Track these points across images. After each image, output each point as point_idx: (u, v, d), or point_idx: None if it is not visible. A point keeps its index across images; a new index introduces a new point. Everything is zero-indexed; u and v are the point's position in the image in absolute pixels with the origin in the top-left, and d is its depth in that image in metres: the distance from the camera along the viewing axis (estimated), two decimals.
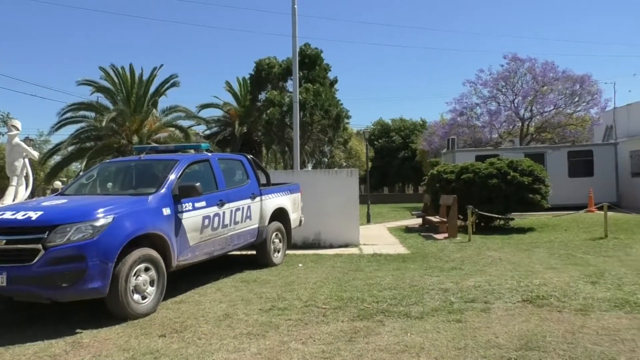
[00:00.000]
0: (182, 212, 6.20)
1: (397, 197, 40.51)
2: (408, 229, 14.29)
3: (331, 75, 32.06)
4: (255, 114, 32.12)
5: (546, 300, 5.54)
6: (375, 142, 47.03)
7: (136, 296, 5.38)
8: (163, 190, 6.11)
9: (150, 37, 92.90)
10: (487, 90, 25.84)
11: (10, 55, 78.53)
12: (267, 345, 4.35)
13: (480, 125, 26.71)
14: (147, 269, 5.54)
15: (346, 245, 10.56)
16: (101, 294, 5.11)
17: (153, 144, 22.29)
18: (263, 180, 8.82)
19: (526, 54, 31.29)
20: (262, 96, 31.97)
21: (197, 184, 6.24)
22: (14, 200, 10.42)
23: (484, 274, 7.12)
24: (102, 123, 25.13)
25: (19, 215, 5.21)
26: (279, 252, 8.55)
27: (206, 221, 6.63)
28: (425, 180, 15.58)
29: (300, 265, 8.37)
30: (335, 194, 10.71)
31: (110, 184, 7.25)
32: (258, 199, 8.01)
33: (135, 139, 26.03)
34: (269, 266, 8.14)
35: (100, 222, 5.16)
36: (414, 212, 16.80)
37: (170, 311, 5.56)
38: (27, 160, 10.98)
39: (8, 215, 5.27)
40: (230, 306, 5.67)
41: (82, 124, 27.73)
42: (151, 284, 5.59)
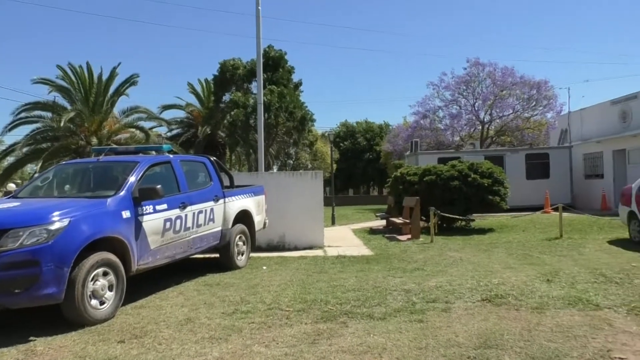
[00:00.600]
0: (143, 214, 6.07)
1: (362, 199, 40.78)
2: (372, 231, 14.42)
3: (295, 78, 32.06)
4: (219, 115, 31.78)
5: (504, 299, 5.69)
6: (340, 144, 47.27)
7: (94, 301, 5.23)
8: (122, 193, 5.97)
9: (111, 36, 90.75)
10: (449, 94, 26.41)
11: None
12: (229, 349, 4.30)
13: (442, 128, 27.25)
14: (105, 274, 5.40)
15: (311, 247, 10.57)
16: (56, 300, 4.94)
17: (113, 145, 21.72)
18: (226, 182, 8.73)
19: (487, 59, 32.20)
20: (226, 97, 31.67)
21: (158, 186, 6.12)
22: None
23: (445, 275, 7.25)
24: (60, 123, 24.30)
25: None
26: (242, 254, 8.48)
27: (168, 224, 6.51)
28: (389, 183, 15.77)
29: (264, 267, 8.32)
30: (299, 196, 10.71)
31: (67, 186, 7.03)
32: (221, 201, 7.93)
33: (95, 140, 25.31)
34: (232, 269, 8.06)
35: (55, 226, 4.99)
36: (378, 214, 16.96)
37: (130, 316, 5.43)
38: None
39: None
40: (192, 310, 5.58)
41: (38, 125, 26.75)
42: (110, 288, 5.44)
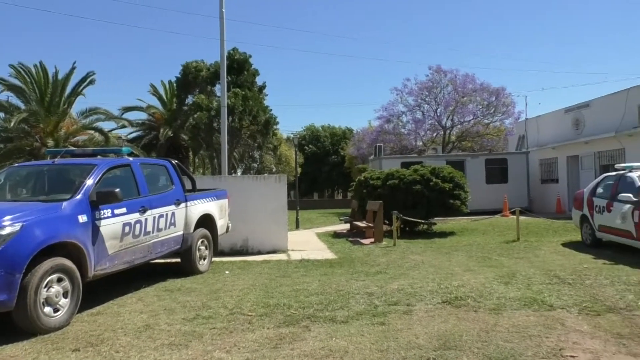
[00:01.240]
0: (100, 219, 5.91)
1: (326, 203, 40.90)
2: (336, 234, 14.48)
3: (260, 81, 31.95)
4: (182, 118, 31.29)
5: (464, 301, 5.81)
6: (305, 148, 47.34)
7: (47, 309, 5.04)
8: (79, 196, 5.79)
9: (70, 36, 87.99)
10: (413, 99, 26.88)
11: None
12: (189, 355, 4.23)
13: (406, 132, 27.70)
14: (60, 280, 5.22)
15: (274, 252, 10.52)
16: (7, 308, 4.73)
17: (70, 147, 21.05)
18: (189, 186, 8.60)
19: (449, 66, 32.95)
20: (190, 100, 31.26)
21: (117, 189, 5.97)
22: None
23: (407, 278, 7.35)
24: (11, 124, 23.40)
25: None
26: (204, 259, 8.36)
27: (127, 228, 6.35)
28: (353, 186, 15.88)
29: (227, 272, 8.23)
30: (263, 200, 10.66)
31: (20, 189, 6.78)
32: (183, 205, 7.80)
33: (51, 142, 24.46)
34: (194, 274, 7.93)
35: (6, 231, 4.80)
36: (342, 218, 17.06)
37: (86, 324, 5.26)
38: None
39: None
40: (151, 316, 5.46)
41: None
42: (65, 295, 5.26)
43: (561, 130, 21.30)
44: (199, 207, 8.24)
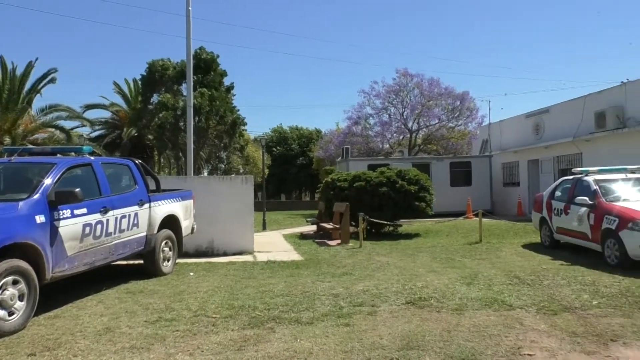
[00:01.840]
0: (59, 219, 5.74)
1: (294, 205, 40.88)
2: (303, 236, 14.48)
3: (227, 81, 31.69)
4: (147, 117, 30.72)
5: (427, 301, 5.91)
6: (273, 149, 47.20)
7: (1, 312, 4.86)
8: (36, 196, 5.60)
9: (30, 32, 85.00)
10: (380, 102, 27.17)
11: None
12: (151, 358, 4.15)
13: (373, 135, 27.96)
14: (15, 282, 5.04)
15: (240, 253, 10.44)
16: None
17: (27, 145, 20.37)
18: (153, 186, 8.45)
19: (416, 70, 33.47)
20: (155, 99, 30.73)
21: (77, 189, 5.80)
22: None
23: (372, 279, 7.42)
24: None
25: None
26: (169, 260, 8.22)
27: (87, 229, 6.19)
28: (320, 188, 15.92)
29: (191, 274, 8.12)
30: (229, 201, 10.56)
31: None
32: (146, 205, 7.65)
33: (7, 140, 23.61)
34: (157, 276, 7.79)
35: None
36: (309, 219, 17.08)
37: (43, 327, 5.10)
38: None
39: None
40: (112, 319, 5.33)
41: None
42: (20, 298, 5.08)
43: (522, 134, 21.92)
44: (163, 208, 8.11)
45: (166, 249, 8.16)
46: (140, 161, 8.17)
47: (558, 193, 10.80)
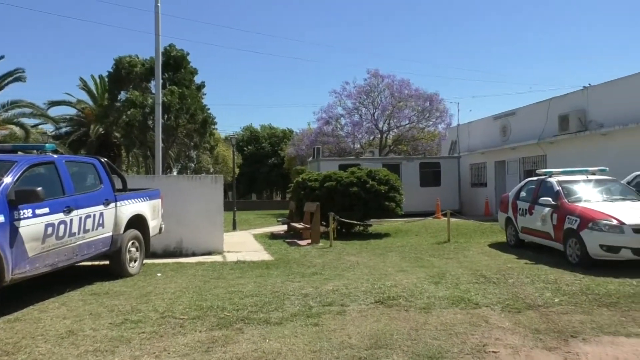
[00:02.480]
0: (20, 219, 5.56)
1: (265, 204, 40.70)
2: (273, 236, 14.43)
3: (198, 80, 31.30)
4: (114, 114, 30.05)
5: (396, 300, 5.97)
6: (244, 148, 46.89)
7: None
8: None
9: None
10: (351, 102, 27.29)
11: None
12: None
13: (344, 135, 28.07)
14: None
15: (210, 253, 10.32)
16: None
17: None
18: (119, 185, 8.27)
19: (387, 71, 33.74)
20: (122, 96, 30.09)
21: (39, 188, 5.64)
22: None
23: (342, 278, 7.45)
24: None
25: None
26: (135, 261, 8.06)
27: (49, 229, 6.01)
28: (291, 188, 15.89)
29: (159, 274, 7.98)
30: (198, 200, 10.43)
31: None
32: (112, 205, 7.49)
33: None
34: (124, 277, 7.63)
35: None
36: (279, 219, 17.03)
37: (2, 331, 4.92)
38: None
39: None
40: (75, 322, 5.19)
41: None
42: None
43: (490, 136, 22.39)
44: (129, 208, 7.95)
45: (133, 249, 8.00)
46: (106, 159, 7.99)
47: (523, 194, 11.07)
